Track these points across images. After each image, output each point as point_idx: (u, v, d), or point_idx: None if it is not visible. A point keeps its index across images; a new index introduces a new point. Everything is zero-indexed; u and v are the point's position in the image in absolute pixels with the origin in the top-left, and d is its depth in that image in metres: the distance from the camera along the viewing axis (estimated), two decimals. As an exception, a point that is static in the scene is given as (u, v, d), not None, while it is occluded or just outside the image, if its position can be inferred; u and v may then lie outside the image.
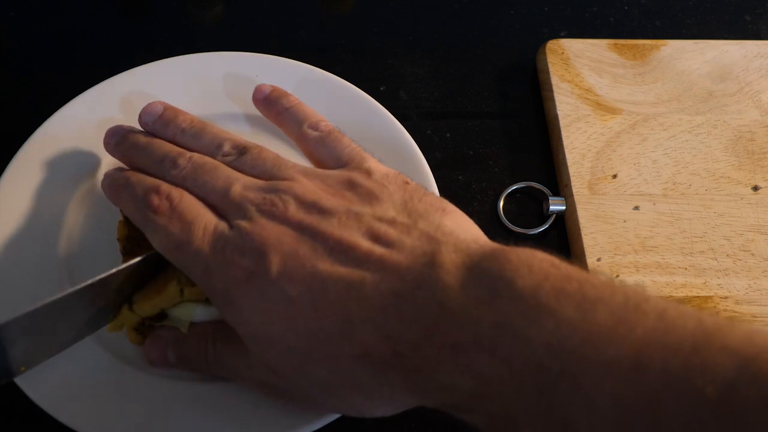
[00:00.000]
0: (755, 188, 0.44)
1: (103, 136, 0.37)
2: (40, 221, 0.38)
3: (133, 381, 0.34)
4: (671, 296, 0.40)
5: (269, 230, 0.29)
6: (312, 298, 0.27)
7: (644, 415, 0.21)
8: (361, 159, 0.33)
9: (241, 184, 0.31)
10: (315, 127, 0.35)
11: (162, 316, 0.34)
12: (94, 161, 0.40)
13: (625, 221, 0.42)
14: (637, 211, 0.43)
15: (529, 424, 0.24)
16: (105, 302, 0.33)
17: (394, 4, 0.53)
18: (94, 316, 0.33)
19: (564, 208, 0.43)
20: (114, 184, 0.35)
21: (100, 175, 0.40)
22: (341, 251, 0.28)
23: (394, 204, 0.30)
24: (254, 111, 0.40)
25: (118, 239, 0.35)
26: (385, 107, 0.42)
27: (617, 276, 0.40)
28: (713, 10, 0.55)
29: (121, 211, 0.35)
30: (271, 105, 0.38)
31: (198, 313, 0.34)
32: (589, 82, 0.48)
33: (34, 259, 0.37)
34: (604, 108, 0.47)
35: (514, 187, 0.45)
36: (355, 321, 0.27)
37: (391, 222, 0.29)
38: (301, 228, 0.29)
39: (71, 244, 0.38)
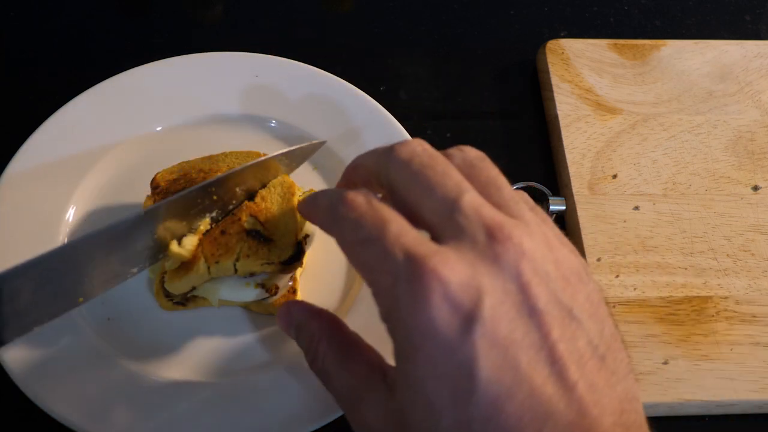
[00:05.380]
0: (755, 188, 0.44)
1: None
2: (43, 214, 0.38)
3: (132, 380, 0.34)
4: (671, 296, 0.40)
5: (489, 281, 0.24)
6: (502, 394, 0.23)
7: None
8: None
9: (470, 195, 0.27)
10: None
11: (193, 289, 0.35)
12: (96, 158, 0.40)
13: (625, 221, 0.42)
14: (637, 211, 0.43)
15: None
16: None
17: (394, 4, 0.53)
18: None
19: (564, 208, 0.43)
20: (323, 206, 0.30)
21: (103, 170, 0.40)
22: (557, 371, 0.24)
23: (599, 332, 0.26)
24: (254, 111, 0.40)
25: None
26: (385, 107, 0.42)
27: (617, 276, 0.40)
28: (713, 10, 0.55)
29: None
30: None
31: (223, 293, 0.36)
32: (589, 82, 0.48)
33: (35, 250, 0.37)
34: (604, 108, 0.47)
35: (514, 187, 0.45)
36: None
37: (601, 359, 0.25)
38: (529, 305, 0.24)
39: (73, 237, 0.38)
